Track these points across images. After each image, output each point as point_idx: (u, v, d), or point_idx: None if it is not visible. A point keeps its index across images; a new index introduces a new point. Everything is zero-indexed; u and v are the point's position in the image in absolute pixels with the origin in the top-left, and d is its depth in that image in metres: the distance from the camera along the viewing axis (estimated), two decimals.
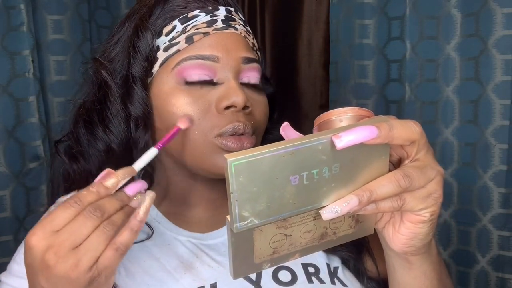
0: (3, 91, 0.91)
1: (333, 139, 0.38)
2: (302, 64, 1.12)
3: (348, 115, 0.43)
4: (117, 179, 0.45)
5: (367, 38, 1.01)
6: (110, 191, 0.45)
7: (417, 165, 0.42)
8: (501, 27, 0.88)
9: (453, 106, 0.96)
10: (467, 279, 0.98)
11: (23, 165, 0.94)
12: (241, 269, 0.43)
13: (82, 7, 1.01)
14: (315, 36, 1.11)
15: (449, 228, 1.00)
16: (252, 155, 0.36)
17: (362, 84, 1.03)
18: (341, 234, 0.46)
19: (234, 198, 0.37)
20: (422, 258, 0.48)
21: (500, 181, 0.92)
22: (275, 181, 0.37)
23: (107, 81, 0.60)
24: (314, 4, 1.10)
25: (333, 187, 0.40)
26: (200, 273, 0.57)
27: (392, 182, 0.40)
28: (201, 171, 0.59)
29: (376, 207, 0.41)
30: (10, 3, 0.89)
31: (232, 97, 0.56)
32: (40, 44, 0.96)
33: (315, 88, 1.12)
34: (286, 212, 0.39)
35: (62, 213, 0.42)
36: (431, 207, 0.43)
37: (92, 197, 0.43)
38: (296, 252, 0.44)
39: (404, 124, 0.40)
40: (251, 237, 0.41)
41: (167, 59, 0.58)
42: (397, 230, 0.46)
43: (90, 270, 0.41)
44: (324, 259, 0.62)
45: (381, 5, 0.99)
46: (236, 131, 0.57)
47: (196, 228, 0.62)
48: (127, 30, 0.61)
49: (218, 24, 0.59)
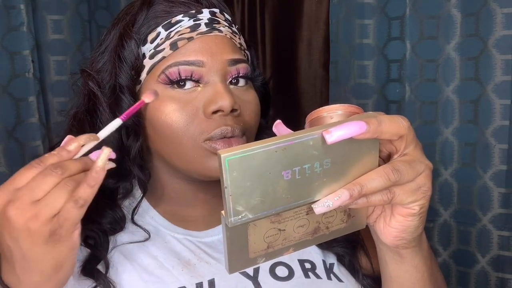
0: (3, 91, 0.91)
1: (323, 134, 0.39)
2: (302, 64, 1.12)
3: (339, 112, 0.44)
4: (78, 143, 0.46)
5: (367, 38, 1.01)
6: (72, 154, 0.46)
7: (406, 159, 0.43)
8: (501, 27, 0.88)
9: (453, 106, 0.96)
10: (467, 279, 0.98)
11: (23, 165, 0.93)
12: (236, 264, 0.44)
13: (82, 7, 1.01)
14: (315, 36, 1.11)
15: (449, 228, 1.00)
16: (245, 150, 0.37)
17: (362, 84, 1.03)
18: (334, 229, 0.47)
19: (228, 193, 0.37)
20: (413, 252, 0.50)
21: (500, 181, 0.92)
22: (268, 176, 0.38)
23: (95, 91, 0.61)
24: (314, 4, 1.10)
25: (324, 181, 0.41)
26: (198, 270, 0.58)
27: (382, 176, 0.41)
28: (194, 174, 0.60)
29: (367, 200, 0.42)
30: (10, 3, 0.89)
31: (219, 101, 0.56)
32: (40, 44, 0.96)
33: (315, 88, 1.12)
34: (279, 207, 0.40)
35: (23, 173, 0.44)
36: (420, 200, 0.44)
37: (53, 158, 0.44)
38: (290, 247, 0.45)
39: (392, 119, 0.42)
40: (246, 232, 0.42)
41: (153, 67, 0.58)
42: (388, 224, 0.47)
43: (50, 221, 0.42)
44: (319, 255, 0.63)
45: (381, 5, 0.99)
46: (224, 135, 0.57)
47: (193, 226, 0.63)
48: (113, 39, 0.61)
49: (202, 28, 0.59)
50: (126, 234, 0.60)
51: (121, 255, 0.58)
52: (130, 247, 0.59)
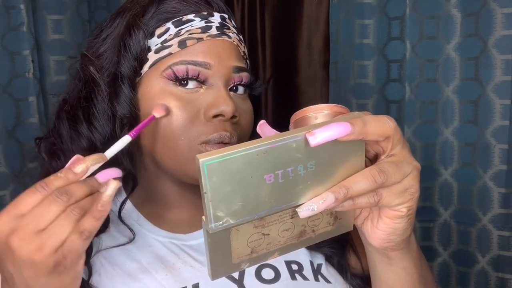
0: (3, 91, 0.91)
1: (306, 136, 0.38)
2: (302, 64, 1.12)
3: (324, 112, 0.43)
4: (86, 165, 0.44)
5: (367, 38, 1.01)
6: (79, 176, 0.43)
7: (393, 160, 0.42)
8: (501, 27, 0.88)
9: (453, 106, 0.96)
10: (467, 279, 0.98)
11: (23, 165, 0.94)
12: (219, 270, 0.43)
13: (82, 7, 1.01)
14: (315, 36, 1.11)
15: (449, 228, 1.00)
16: (224, 155, 0.35)
17: (362, 84, 1.03)
18: (320, 232, 0.46)
19: (207, 199, 0.36)
20: (401, 254, 0.49)
21: (500, 181, 0.92)
22: (249, 180, 0.37)
23: (96, 78, 0.59)
24: (314, 4, 1.09)
25: (309, 185, 0.40)
26: (182, 274, 0.57)
27: (368, 178, 0.40)
28: (183, 177, 0.59)
29: (353, 203, 0.41)
30: (10, 3, 0.89)
31: (221, 106, 0.56)
32: (40, 44, 0.96)
33: (315, 88, 1.12)
34: (262, 211, 0.39)
35: (27, 198, 0.41)
36: (407, 202, 0.43)
37: (59, 182, 0.42)
38: (275, 251, 0.44)
39: (377, 120, 0.41)
40: (228, 237, 0.41)
41: (157, 61, 0.58)
42: (376, 226, 0.46)
43: (55, 253, 0.40)
44: (307, 256, 0.62)
45: (381, 5, 0.99)
46: (222, 140, 0.56)
47: (178, 229, 0.62)
48: (118, 27, 0.60)
49: (213, 31, 0.59)
50: (108, 238, 0.59)
51: (104, 259, 0.57)
52: (114, 251, 0.57)
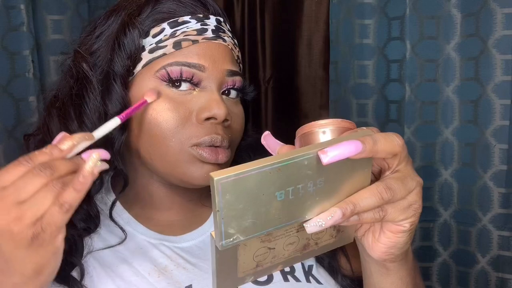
0: (3, 91, 0.91)
1: (319, 154, 0.38)
2: (302, 64, 1.12)
3: (330, 127, 0.43)
4: (72, 142, 0.43)
5: (367, 38, 1.01)
6: (64, 153, 0.43)
7: (398, 177, 0.42)
8: (501, 27, 0.88)
9: (453, 106, 0.96)
10: (467, 279, 0.98)
11: None
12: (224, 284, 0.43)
13: (82, 7, 1.01)
14: (315, 36, 1.11)
15: (449, 228, 1.00)
16: (238, 173, 0.35)
17: (362, 84, 1.03)
18: (323, 244, 0.46)
19: (220, 216, 0.36)
20: (399, 265, 0.49)
21: (500, 181, 0.92)
22: (261, 197, 0.37)
23: (88, 75, 0.58)
24: (314, 4, 1.09)
25: (317, 200, 0.40)
26: (175, 276, 0.56)
27: (375, 195, 0.41)
28: (172, 179, 0.58)
29: (359, 218, 0.41)
30: (10, 3, 0.89)
31: (214, 109, 0.56)
32: (40, 44, 0.96)
33: (315, 88, 1.12)
34: (271, 227, 0.39)
35: (10, 170, 0.41)
36: (411, 218, 0.43)
37: (44, 157, 0.42)
38: (279, 264, 0.45)
39: (387, 138, 0.41)
40: (236, 252, 0.41)
41: (151, 61, 0.57)
42: (377, 239, 0.46)
43: (34, 225, 0.40)
44: None
45: (381, 5, 0.99)
46: (213, 143, 0.56)
47: (169, 231, 0.62)
48: (112, 25, 0.59)
49: (208, 33, 0.59)
50: (99, 239, 0.58)
51: (95, 261, 0.56)
52: (105, 253, 0.57)
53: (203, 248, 0.61)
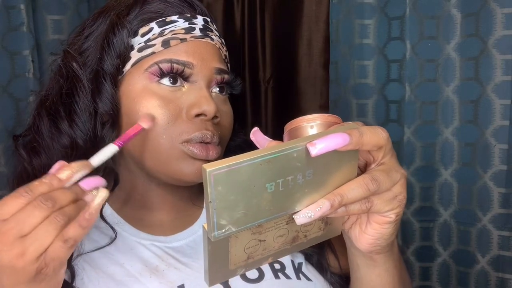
0: (3, 91, 0.91)
1: (308, 146, 0.39)
2: (302, 64, 1.12)
3: (318, 122, 0.45)
4: (71, 172, 0.43)
5: (367, 38, 1.01)
6: (64, 183, 0.43)
7: (383, 169, 0.44)
8: (501, 27, 0.88)
9: (453, 106, 0.96)
10: (467, 279, 0.98)
11: None
12: (216, 276, 0.44)
13: (82, 7, 1.01)
14: (315, 36, 1.11)
15: (449, 228, 1.00)
16: (230, 165, 0.36)
17: (362, 84, 1.03)
18: (312, 237, 0.48)
19: (212, 207, 0.37)
20: (385, 257, 0.51)
21: (500, 181, 0.92)
22: (252, 189, 0.38)
23: (78, 74, 0.59)
24: (314, 4, 1.09)
25: (306, 192, 0.41)
26: (167, 276, 0.57)
27: (362, 186, 0.42)
28: (163, 176, 0.59)
29: (346, 210, 0.43)
30: (10, 3, 0.89)
31: (204, 105, 0.57)
32: (40, 44, 0.96)
33: (315, 88, 1.12)
34: (262, 219, 0.40)
35: (10, 202, 0.40)
36: (396, 209, 0.45)
37: (43, 187, 0.41)
38: (269, 256, 0.46)
39: (372, 131, 0.42)
40: (227, 244, 0.42)
41: (140, 60, 0.58)
42: (364, 231, 0.48)
43: (37, 260, 0.39)
44: (288, 255, 0.63)
45: (381, 5, 0.99)
46: (203, 139, 0.57)
47: (159, 231, 0.62)
48: (101, 25, 0.60)
49: (196, 32, 0.59)
50: (89, 241, 0.58)
51: (85, 263, 0.56)
52: (95, 255, 0.57)
53: (194, 247, 0.61)
